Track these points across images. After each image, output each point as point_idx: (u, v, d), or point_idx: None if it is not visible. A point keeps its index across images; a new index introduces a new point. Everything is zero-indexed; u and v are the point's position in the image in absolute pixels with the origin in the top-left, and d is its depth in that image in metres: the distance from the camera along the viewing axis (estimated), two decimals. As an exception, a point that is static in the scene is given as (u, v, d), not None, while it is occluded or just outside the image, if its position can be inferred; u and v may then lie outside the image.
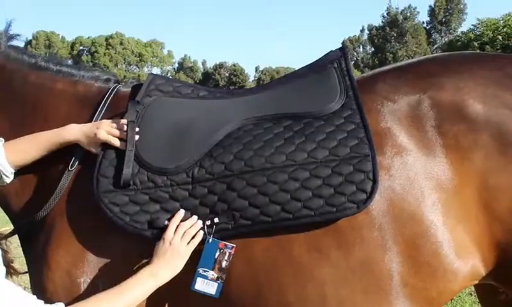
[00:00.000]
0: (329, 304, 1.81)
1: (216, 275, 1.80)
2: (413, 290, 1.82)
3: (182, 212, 1.82)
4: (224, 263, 1.79)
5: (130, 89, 2.16)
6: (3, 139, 1.89)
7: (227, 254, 1.79)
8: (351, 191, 1.78)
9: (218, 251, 1.79)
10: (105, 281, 1.82)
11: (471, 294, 4.95)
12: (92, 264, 1.85)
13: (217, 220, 1.81)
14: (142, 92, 2.04)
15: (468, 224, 1.82)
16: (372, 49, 67.90)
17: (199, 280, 1.80)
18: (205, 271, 1.80)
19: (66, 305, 1.59)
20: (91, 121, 2.01)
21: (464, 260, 1.83)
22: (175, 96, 2.08)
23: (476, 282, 1.95)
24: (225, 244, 1.79)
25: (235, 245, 1.79)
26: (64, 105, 2.08)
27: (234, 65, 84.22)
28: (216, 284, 1.80)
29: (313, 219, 1.78)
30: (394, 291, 1.81)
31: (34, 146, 1.91)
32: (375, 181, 1.78)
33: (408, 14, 61.08)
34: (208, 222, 1.81)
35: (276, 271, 1.81)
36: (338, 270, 1.80)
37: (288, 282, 1.81)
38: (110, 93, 2.09)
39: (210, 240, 1.79)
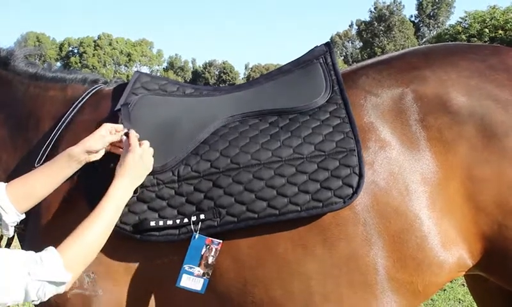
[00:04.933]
0: (315, 299, 1.82)
1: (201, 272, 1.79)
2: (399, 283, 1.83)
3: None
4: (210, 259, 1.79)
5: (112, 88, 2.18)
6: (4, 183, 1.80)
7: (213, 250, 1.78)
8: (337, 186, 1.79)
9: (205, 247, 1.78)
10: (93, 275, 1.84)
11: (463, 285, 4.98)
12: None
13: (203, 217, 1.80)
14: (128, 91, 2.04)
15: (454, 216, 1.83)
16: (361, 44, 68.12)
17: (184, 277, 1.79)
18: (190, 268, 1.79)
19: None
20: (67, 116, 2.04)
21: (450, 252, 1.84)
22: (160, 94, 2.07)
23: (463, 273, 1.96)
24: (212, 240, 1.78)
25: (221, 241, 1.79)
26: (53, 108, 2.12)
27: (224, 63, 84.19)
28: (201, 280, 1.79)
29: (299, 214, 1.78)
30: (380, 285, 1.82)
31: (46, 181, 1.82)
32: (361, 176, 1.78)
33: (394, 8, 61.32)
34: (194, 218, 1.80)
35: (261, 267, 1.82)
36: (324, 265, 1.80)
37: (273, 278, 1.82)
38: (89, 92, 2.12)
39: (197, 236, 1.79)
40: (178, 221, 1.81)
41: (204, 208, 1.82)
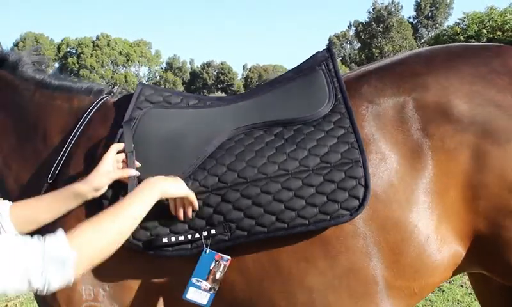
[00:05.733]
0: None
1: (208, 286, 1.80)
2: (397, 290, 1.85)
3: None
4: (218, 275, 1.79)
5: (118, 99, 2.19)
6: (9, 203, 1.79)
7: (222, 266, 1.79)
8: (344, 198, 1.79)
9: (214, 262, 1.79)
10: (108, 289, 1.86)
11: (462, 286, 5.01)
12: (92, 271, 1.83)
13: (214, 232, 1.81)
14: (132, 105, 2.04)
15: (451, 221, 1.84)
16: (359, 45, 68.10)
17: (191, 289, 1.80)
18: (198, 281, 1.79)
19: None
20: (76, 131, 2.05)
21: (447, 254, 1.86)
22: (165, 107, 2.06)
23: (455, 268, 1.96)
24: (221, 256, 1.79)
25: (230, 258, 1.80)
26: (61, 119, 2.12)
27: (222, 64, 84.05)
28: (208, 295, 1.80)
29: (307, 227, 1.78)
30: (380, 294, 1.84)
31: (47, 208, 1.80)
32: (367, 187, 1.78)
33: (392, 9, 61.28)
34: (205, 233, 1.81)
35: (266, 280, 1.83)
36: (326, 278, 1.81)
37: (278, 290, 1.83)
38: (95, 105, 2.12)
39: (208, 252, 1.79)
40: (189, 236, 1.82)
41: (214, 222, 1.82)
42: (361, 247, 1.81)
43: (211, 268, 1.79)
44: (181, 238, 1.81)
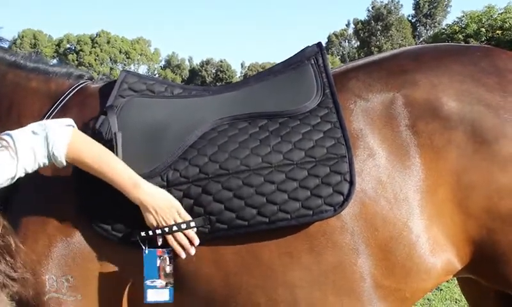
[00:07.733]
0: (301, 306, 1.81)
1: (164, 283, 1.76)
2: (387, 291, 1.82)
3: None
4: (168, 269, 1.76)
5: (100, 86, 2.14)
6: (74, 125, 1.78)
7: (167, 259, 1.76)
8: (328, 193, 1.76)
9: (158, 259, 1.76)
10: (72, 279, 1.82)
11: (460, 284, 5.01)
12: (57, 262, 1.82)
13: (194, 224, 1.78)
14: (115, 93, 2.00)
15: (442, 223, 1.82)
16: (358, 43, 68.15)
17: (149, 292, 1.76)
18: (152, 282, 1.76)
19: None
20: (49, 115, 2.01)
21: (439, 258, 1.83)
22: (148, 96, 2.02)
23: (451, 277, 1.96)
24: (163, 251, 1.77)
25: (171, 248, 1.77)
26: (37, 103, 2.09)
27: (221, 61, 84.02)
28: (167, 290, 1.77)
29: (289, 222, 1.76)
30: (367, 293, 1.81)
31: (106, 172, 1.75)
32: (352, 183, 1.76)
33: (392, 7, 61.33)
34: (184, 226, 1.77)
35: (245, 274, 1.80)
36: (310, 273, 1.79)
37: (258, 285, 1.80)
38: (73, 89, 2.08)
39: (147, 251, 1.76)
40: (166, 229, 1.77)
41: (194, 214, 1.79)
42: (348, 243, 1.78)
43: (158, 265, 1.75)
44: (158, 231, 1.77)
